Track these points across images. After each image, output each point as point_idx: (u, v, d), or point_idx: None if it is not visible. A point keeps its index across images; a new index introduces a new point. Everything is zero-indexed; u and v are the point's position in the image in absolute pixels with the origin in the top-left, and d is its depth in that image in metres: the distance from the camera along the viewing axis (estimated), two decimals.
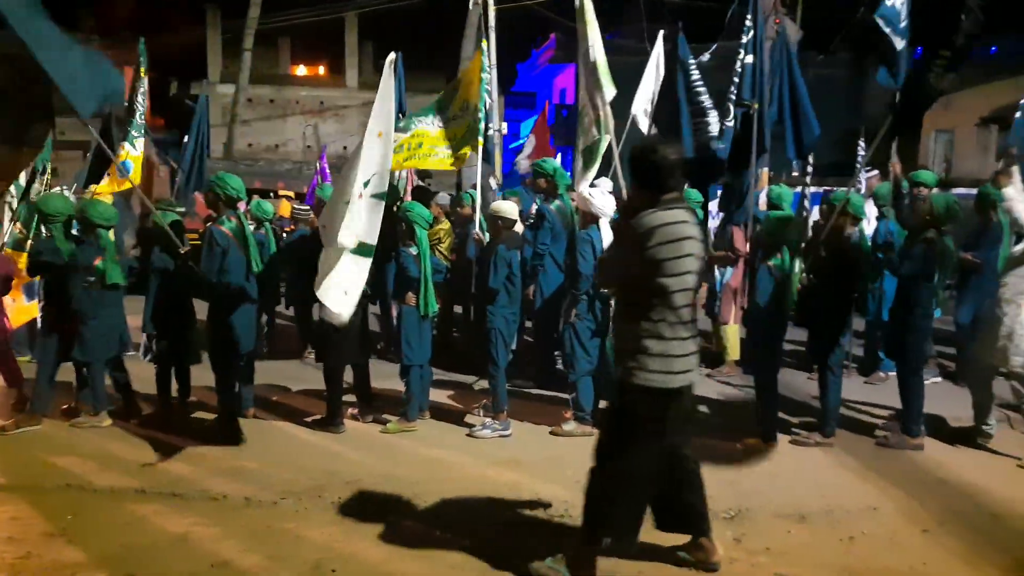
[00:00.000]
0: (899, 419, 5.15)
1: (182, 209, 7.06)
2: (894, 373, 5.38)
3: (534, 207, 6.39)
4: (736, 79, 6.54)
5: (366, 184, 4.28)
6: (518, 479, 4.40)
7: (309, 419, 5.41)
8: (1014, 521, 3.91)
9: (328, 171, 10.78)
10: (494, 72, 9.33)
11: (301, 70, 26.60)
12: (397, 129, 5.72)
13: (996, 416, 5.12)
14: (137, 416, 5.40)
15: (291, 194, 15.71)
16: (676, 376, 3.07)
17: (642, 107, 7.56)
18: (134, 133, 7.15)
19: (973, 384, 5.18)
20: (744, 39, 6.58)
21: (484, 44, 6.50)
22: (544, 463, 4.71)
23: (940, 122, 17.65)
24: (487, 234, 5.64)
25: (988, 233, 6.06)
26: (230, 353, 5.03)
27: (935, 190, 6.17)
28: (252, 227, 5.41)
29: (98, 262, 5.08)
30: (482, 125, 6.26)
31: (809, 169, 9.10)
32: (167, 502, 4.04)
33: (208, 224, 5.12)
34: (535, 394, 6.25)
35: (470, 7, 11.80)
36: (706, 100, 6.97)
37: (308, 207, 7.92)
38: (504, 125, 19.63)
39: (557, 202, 6.20)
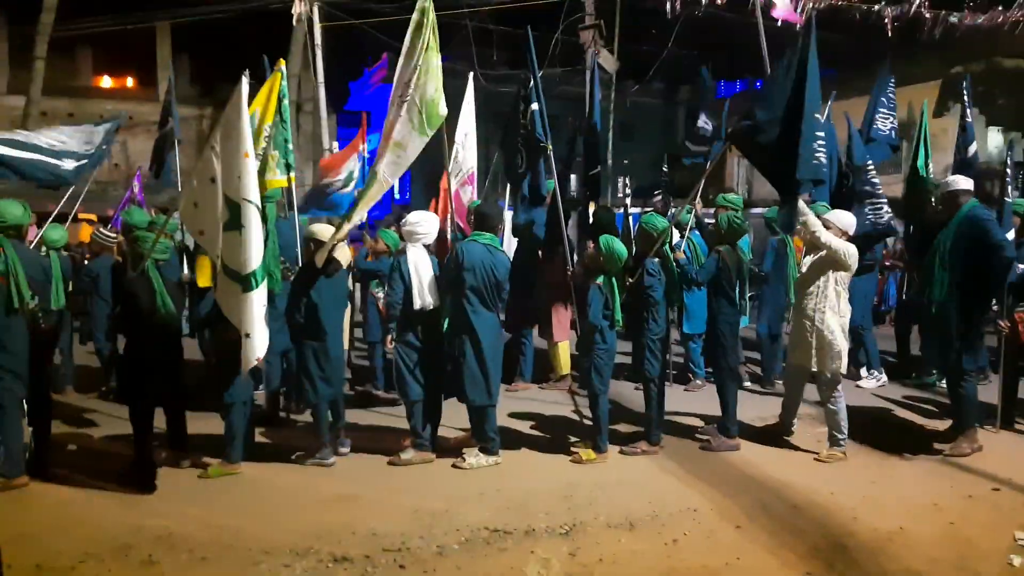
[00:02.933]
0: (717, 422, 5.55)
1: None
2: (709, 381, 5.82)
3: None
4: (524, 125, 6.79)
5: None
6: (352, 516, 4.22)
7: (118, 471, 4.85)
8: (810, 509, 4.33)
9: (143, 194, 9.92)
10: (322, 90, 9.08)
11: (106, 82, 24.40)
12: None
13: (797, 415, 5.68)
14: None
15: (93, 217, 14.28)
16: None
17: (460, 139, 7.57)
18: None
19: (788, 386, 5.70)
20: (530, 87, 6.64)
21: (282, 64, 5.84)
22: (381, 496, 4.56)
23: None
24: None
25: (773, 250, 6.93)
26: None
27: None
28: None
29: None
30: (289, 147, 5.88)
31: (628, 191, 9.72)
32: None
33: None
34: (370, 423, 6.08)
35: (294, 24, 11.43)
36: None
37: (115, 232, 7.22)
38: (335, 145, 19.14)
39: None
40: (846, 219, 5.41)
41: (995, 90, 16.63)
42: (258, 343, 4.44)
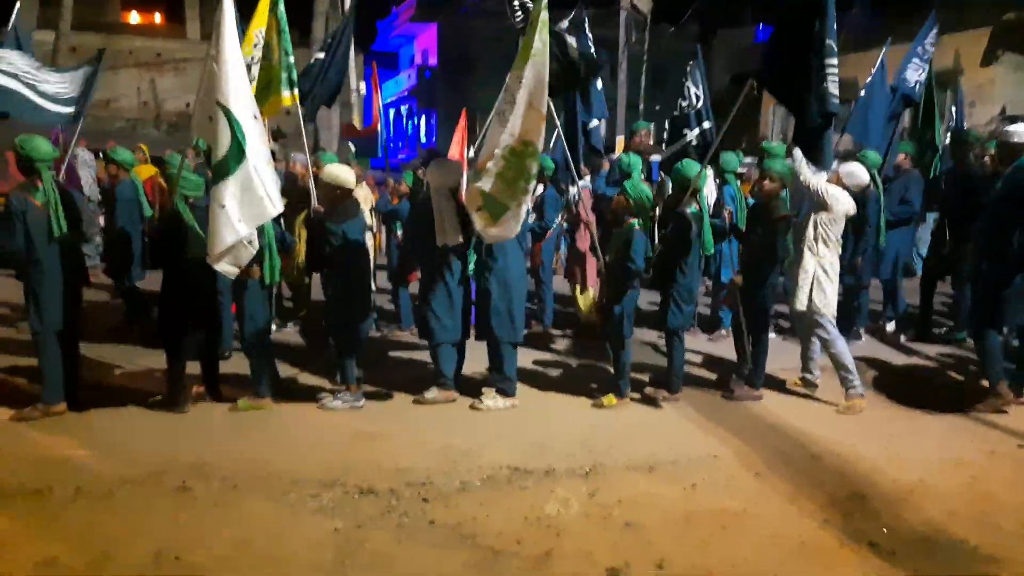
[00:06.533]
0: (743, 372, 5.54)
1: None
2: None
3: None
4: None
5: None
6: (378, 452, 4.33)
7: (149, 400, 5.02)
8: (830, 460, 4.34)
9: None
10: (350, 28, 8.91)
11: (135, 18, 24.28)
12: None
13: (819, 365, 5.66)
14: None
15: None
16: None
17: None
18: None
19: (803, 337, 5.67)
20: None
21: None
22: (406, 434, 4.66)
23: None
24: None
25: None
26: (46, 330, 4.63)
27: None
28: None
29: None
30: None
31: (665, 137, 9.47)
32: None
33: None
34: (395, 359, 6.18)
35: None
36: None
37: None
38: (363, 85, 18.91)
39: None
40: (855, 174, 5.64)
41: None
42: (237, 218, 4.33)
